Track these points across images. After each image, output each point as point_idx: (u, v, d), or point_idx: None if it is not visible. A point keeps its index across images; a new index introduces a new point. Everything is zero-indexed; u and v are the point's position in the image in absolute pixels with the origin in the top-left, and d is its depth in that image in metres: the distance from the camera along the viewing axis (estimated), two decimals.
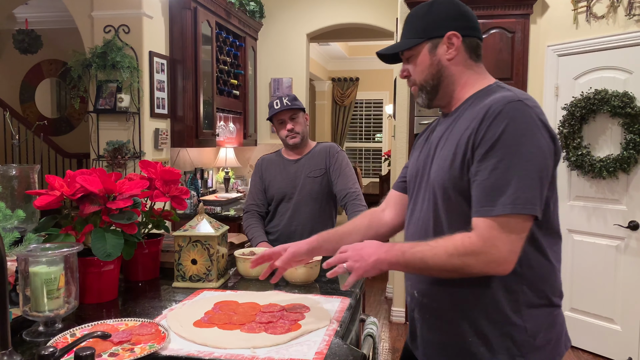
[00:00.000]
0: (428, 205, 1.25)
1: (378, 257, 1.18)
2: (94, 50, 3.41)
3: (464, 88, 1.27)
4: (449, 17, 1.25)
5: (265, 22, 5.26)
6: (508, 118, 1.09)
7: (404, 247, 1.18)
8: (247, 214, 2.51)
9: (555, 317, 1.21)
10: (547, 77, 3.65)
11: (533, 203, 1.07)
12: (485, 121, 1.12)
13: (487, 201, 1.09)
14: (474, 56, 1.27)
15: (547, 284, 1.18)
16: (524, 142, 1.08)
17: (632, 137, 3.10)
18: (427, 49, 1.26)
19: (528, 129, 1.09)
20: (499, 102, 1.12)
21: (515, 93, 1.15)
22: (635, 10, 3.15)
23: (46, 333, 1.27)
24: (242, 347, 1.19)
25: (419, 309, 1.31)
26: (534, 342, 1.16)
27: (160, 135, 3.72)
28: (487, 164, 1.10)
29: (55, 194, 1.50)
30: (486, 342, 1.17)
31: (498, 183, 1.08)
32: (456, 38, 1.24)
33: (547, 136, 1.12)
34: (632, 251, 3.20)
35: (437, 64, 1.26)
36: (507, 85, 1.24)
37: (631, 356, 3.21)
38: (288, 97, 2.43)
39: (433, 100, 1.31)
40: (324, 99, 9.53)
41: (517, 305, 1.16)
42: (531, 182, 1.07)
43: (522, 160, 1.07)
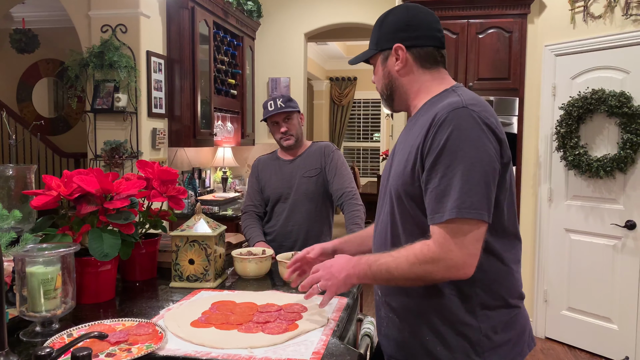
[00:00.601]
0: (386, 210, 1.29)
1: (347, 272, 1.23)
2: (91, 50, 3.40)
3: (417, 95, 1.29)
4: (396, 29, 1.27)
5: (263, 22, 5.26)
6: (452, 125, 1.11)
7: (369, 260, 1.21)
8: (245, 214, 2.52)
9: (514, 317, 1.22)
10: (545, 76, 3.66)
11: (477, 207, 1.09)
12: (432, 129, 1.14)
13: (437, 208, 1.11)
14: (427, 64, 1.28)
15: (503, 286, 1.20)
16: (468, 147, 1.10)
17: (629, 137, 3.11)
18: (380, 60, 1.31)
19: (472, 134, 1.11)
20: (444, 109, 1.14)
21: (463, 98, 1.17)
22: (632, 10, 3.15)
23: (43, 333, 1.27)
24: (239, 347, 1.19)
25: (383, 307, 1.34)
26: (489, 341, 1.18)
27: (158, 135, 3.71)
28: (435, 172, 1.12)
29: (52, 194, 1.50)
30: (443, 342, 1.19)
31: (445, 189, 1.10)
32: (401, 50, 1.26)
33: (492, 139, 1.13)
34: (629, 250, 3.21)
35: (387, 75, 1.30)
36: (463, 88, 1.25)
37: (628, 355, 3.22)
38: (282, 98, 2.42)
39: (392, 106, 1.35)
40: (322, 98, 9.53)
41: (470, 306, 1.18)
42: (476, 186, 1.09)
43: (467, 165, 1.09)
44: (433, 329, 1.21)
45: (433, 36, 1.28)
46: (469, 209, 1.08)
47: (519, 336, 1.23)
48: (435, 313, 1.20)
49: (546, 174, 3.66)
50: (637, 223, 3.16)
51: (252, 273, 1.81)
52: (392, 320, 1.30)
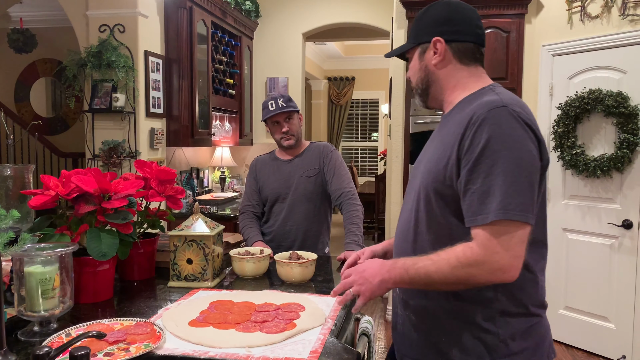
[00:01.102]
0: (412, 206, 1.27)
1: (382, 277, 1.20)
2: (89, 50, 3.40)
3: (453, 92, 1.27)
4: (435, 23, 1.26)
5: (261, 22, 5.26)
6: (493, 124, 1.09)
7: (406, 264, 1.17)
8: (242, 214, 2.52)
9: (534, 326, 1.19)
10: (542, 76, 3.66)
11: (523, 209, 1.06)
12: (470, 128, 1.11)
13: (481, 209, 1.08)
14: (465, 60, 1.26)
15: (525, 293, 1.17)
16: (511, 147, 1.08)
17: (626, 137, 3.12)
18: (417, 53, 1.30)
19: (514, 134, 1.09)
20: (483, 108, 1.12)
21: (502, 97, 1.14)
22: (629, 10, 3.16)
23: (41, 333, 1.27)
24: (237, 346, 1.19)
25: (400, 304, 1.33)
26: (506, 348, 1.15)
27: (156, 135, 3.71)
28: (476, 172, 1.09)
29: (50, 193, 1.50)
30: (458, 344, 1.18)
31: (489, 190, 1.07)
32: (440, 44, 1.25)
33: (534, 139, 1.11)
34: (626, 250, 3.22)
35: (424, 68, 1.29)
36: (501, 88, 1.23)
37: (625, 354, 3.23)
38: (282, 97, 2.42)
39: (426, 102, 1.33)
40: (320, 98, 9.53)
41: (491, 312, 1.16)
42: (521, 187, 1.07)
43: (510, 166, 1.07)
44: (449, 331, 1.19)
45: (473, 32, 1.27)
46: (515, 211, 1.06)
47: (538, 345, 1.20)
48: (454, 315, 1.18)
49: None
50: (634, 222, 3.17)
51: (250, 273, 1.82)
52: (408, 318, 1.29)
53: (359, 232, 2.32)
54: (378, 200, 6.41)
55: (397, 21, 4.03)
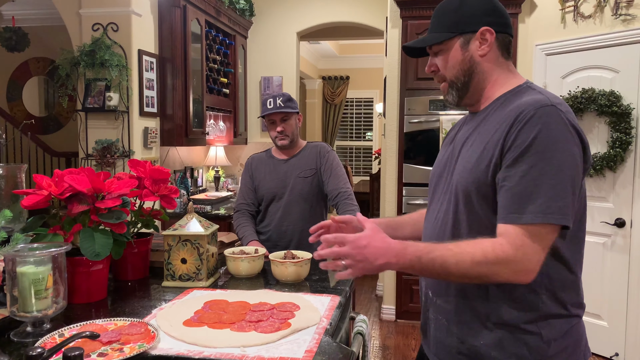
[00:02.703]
0: (448, 207, 1.22)
1: (387, 260, 1.10)
2: (82, 49, 3.38)
3: (494, 86, 1.23)
4: (482, 12, 1.21)
5: (255, 21, 5.25)
6: (541, 123, 1.06)
7: (419, 251, 1.10)
8: (237, 213, 2.51)
9: (573, 326, 1.17)
10: (535, 75, 3.68)
11: (564, 213, 1.04)
12: (516, 125, 1.08)
13: (516, 208, 1.06)
14: (506, 53, 1.23)
15: (567, 294, 1.15)
16: (556, 149, 1.05)
17: (619, 136, 3.14)
18: (459, 44, 1.22)
19: (561, 136, 1.06)
20: (531, 106, 1.09)
21: (548, 96, 1.12)
22: (622, 10, 3.18)
23: (34, 333, 1.26)
24: (232, 346, 1.19)
25: (433, 309, 1.28)
26: (548, 349, 1.13)
27: (150, 134, 3.70)
28: (517, 169, 1.06)
29: (43, 193, 1.49)
30: (499, 347, 1.15)
31: (528, 190, 1.05)
32: (490, 34, 1.20)
33: (578, 143, 1.09)
34: (619, 248, 3.24)
35: (469, 60, 1.22)
36: (538, 86, 1.21)
37: (617, 352, 3.26)
38: (282, 97, 2.40)
39: (463, 97, 1.26)
40: (315, 97, 9.53)
41: (533, 314, 1.13)
42: (563, 191, 1.05)
43: (554, 168, 1.04)
44: (490, 334, 1.15)
45: (510, 25, 1.24)
46: (554, 214, 1.04)
47: (576, 345, 1.18)
48: (494, 317, 1.15)
49: None
50: (626, 221, 3.19)
51: (245, 272, 1.81)
52: (440, 322, 1.25)
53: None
54: (372, 200, 6.42)
55: (391, 20, 4.04)
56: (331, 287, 1.68)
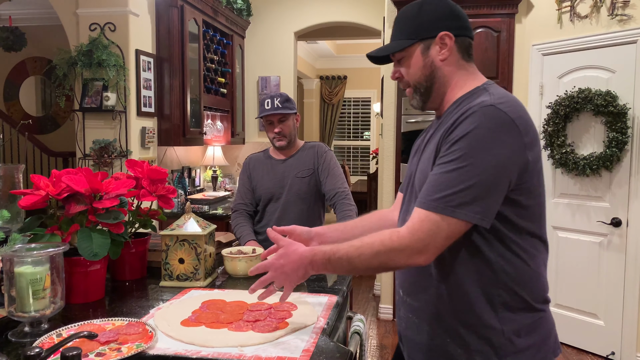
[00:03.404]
0: (409, 208, 1.24)
1: (305, 270, 1.22)
2: (79, 48, 3.38)
3: (454, 89, 1.25)
4: (440, 17, 1.23)
5: (253, 20, 5.25)
6: (476, 122, 1.08)
7: (327, 253, 1.19)
8: (235, 212, 2.51)
9: (538, 321, 1.19)
10: (532, 76, 3.69)
11: (469, 210, 1.06)
12: (455, 123, 1.12)
13: (428, 194, 1.11)
14: (466, 56, 1.25)
15: (526, 288, 1.17)
16: (482, 149, 1.07)
17: (615, 135, 3.15)
18: (419, 50, 1.24)
19: (490, 137, 1.07)
20: (473, 107, 1.12)
21: (493, 97, 1.13)
22: (618, 10, 3.19)
23: (32, 333, 1.26)
24: (229, 345, 1.20)
25: (404, 308, 1.31)
26: (512, 345, 1.14)
27: (147, 134, 3.70)
28: (442, 160, 1.11)
29: (41, 193, 1.49)
30: (464, 344, 1.17)
31: (440, 181, 1.09)
32: (449, 38, 1.22)
33: (515, 142, 1.09)
34: (615, 247, 3.25)
35: (430, 65, 1.24)
36: (495, 86, 1.21)
37: (614, 350, 3.27)
38: (280, 97, 2.40)
39: (427, 102, 1.28)
40: (312, 97, 9.53)
41: (493, 308, 1.15)
42: (476, 189, 1.06)
43: (474, 166, 1.07)
44: (454, 331, 1.18)
45: (470, 28, 1.26)
46: (455, 208, 1.07)
47: (543, 341, 1.19)
48: (458, 314, 1.17)
49: None
50: (622, 220, 3.20)
51: (242, 272, 1.82)
52: (411, 320, 1.27)
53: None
54: (370, 199, 6.43)
55: (389, 20, 4.05)
56: (328, 287, 1.68)
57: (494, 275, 1.14)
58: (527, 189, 1.14)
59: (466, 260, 1.15)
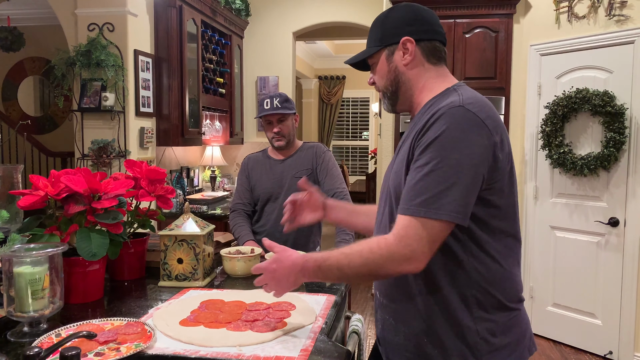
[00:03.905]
0: (384, 209, 1.27)
1: (296, 276, 1.22)
2: (78, 49, 3.37)
3: (422, 92, 1.26)
4: (403, 23, 1.25)
5: (251, 21, 5.25)
6: (446, 123, 1.10)
7: (317, 260, 1.19)
8: (233, 212, 2.51)
9: (513, 320, 1.20)
10: (530, 76, 3.70)
11: (447, 209, 1.07)
12: (426, 126, 1.13)
13: (408, 200, 1.11)
14: (433, 59, 1.26)
15: (499, 288, 1.18)
16: (455, 148, 1.08)
17: (612, 136, 3.16)
18: (384, 56, 1.28)
19: (463, 136, 1.09)
20: (442, 108, 1.13)
21: (462, 97, 1.15)
22: (615, 11, 3.20)
23: (31, 333, 1.27)
24: (228, 345, 1.20)
25: (380, 309, 1.32)
26: (487, 345, 1.16)
27: (146, 134, 3.70)
28: (417, 164, 1.11)
29: (40, 194, 1.50)
30: (440, 345, 1.18)
31: (419, 184, 1.10)
32: (410, 43, 1.24)
33: (486, 142, 1.10)
34: (612, 247, 3.26)
35: (394, 70, 1.27)
36: (465, 88, 1.23)
37: (612, 349, 3.28)
38: (279, 97, 2.40)
39: (395, 105, 1.32)
40: (311, 97, 9.54)
41: (468, 308, 1.16)
42: (454, 189, 1.08)
43: (449, 167, 1.08)
44: (430, 331, 1.19)
45: (438, 31, 1.27)
46: (436, 210, 1.07)
47: (519, 340, 1.21)
48: (434, 315, 1.18)
49: (532, 172, 3.71)
50: (620, 220, 3.21)
51: (241, 272, 1.82)
52: (388, 322, 1.28)
53: (350, 231, 2.34)
54: (369, 199, 6.43)
55: None
56: (327, 287, 1.69)
57: (468, 276, 1.15)
58: (500, 188, 1.14)
59: (440, 262, 1.15)
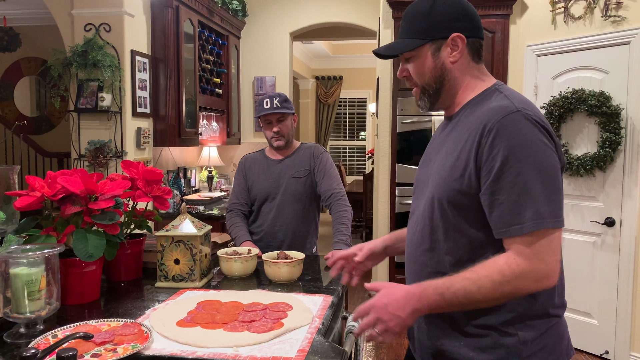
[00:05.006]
0: (424, 212, 1.22)
1: (413, 307, 1.09)
2: (74, 49, 3.37)
3: (465, 91, 1.23)
4: (453, 18, 1.19)
5: (248, 21, 5.25)
6: (511, 131, 1.06)
7: (439, 289, 1.09)
8: (230, 212, 2.51)
9: (552, 326, 1.17)
10: (527, 76, 3.71)
11: (556, 215, 1.06)
12: (486, 137, 1.08)
13: (513, 220, 1.06)
14: (477, 58, 1.23)
15: (545, 296, 1.14)
16: (534, 152, 1.06)
17: (608, 136, 3.17)
18: (430, 51, 1.21)
19: (534, 139, 1.06)
20: (496, 115, 1.09)
21: (513, 101, 1.11)
22: (611, 12, 3.22)
23: (27, 335, 1.26)
24: (224, 346, 1.20)
25: None
26: (525, 349, 1.13)
27: (143, 135, 3.69)
28: (504, 182, 1.06)
29: (36, 194, 1.49)
30: (477, 349, 1.15)
31: (519, 200, 1.05)
32: (461, 40, 1.19)
33: (550, 142, 1.09)
34: (608, 247, 3.27)
35: (440, 66, 1.21)
36: (506, 87, 1.21)
37: (608, 349, 3.29)
38: (279, 97, 2.40)
39: (435, 103, 1.26)
40: (308, 97, 9.54)
41: (510, 315, 1.13)
42: (550, 193, 1.06)
43: (538, 171, 1.05)
44: (468, 336, 1.16)
45: (482, 28, 1.23)
46: (549, 218, 1.04)
47: (556, 344, 1.17)
48: (472, 319, 1.15)
49: None
50: (616, 220, 3.22)
51: (238, 272, 1.82)
52: (421, 325, 1.26)
53: (347, 232, 2.34)
54: (366, 199, 6.44)
55: (384, 21, 4.06)
56: (324, 287, 1.69)
57: None
58: None
59: None
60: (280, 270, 1.74)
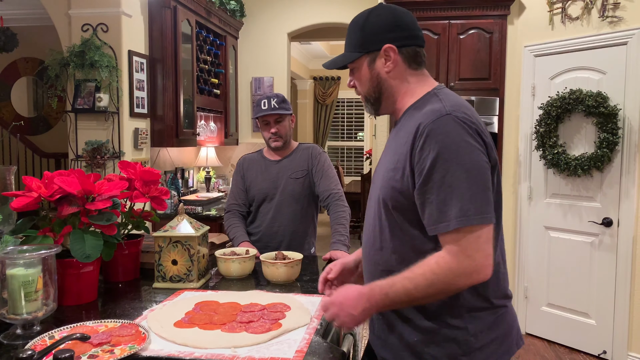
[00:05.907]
0: (374, 213, 1.28)
1: (363, 307, 1.18)
2: (71, 49, 3.36)
3: (404, 98, 1.27)
4: (384, 29, 1.24)
5: (246, 21, 5.25)
6: (439, 134, 1.11)
7: (383, 289, 1.16)
8: (228, 213, 2.51)
9: (501, 317, 1.22)
10: (524, 77, 3.72)
11: (482, 211, 1.09)
12: (418, 140, 1.13)
13: (441, 218, 1.10)
14: (414, 64, 1.27)
15: (487, 288, 1.19)
16: (461, 153, 1.10)
17: (606, 136, 3.18)
18: (366, 62, 1.27)
19: (461, 141, 1.11)
20: (428, 118, 1.14)
21: (445, 104, 1.16)
22: (609, 12, 3.22)
23: (24, 336, 1.26)
24: (222, 346, 1.20)
25: None
26: (476, 341, 1.18)
27: (140, 135, 3.69)
28: (432, 182, 1.11)
29: (33, 195, 1.49)
30: (431, 344, 1.19)
31: (446, 199, 1.10)
32: (392, 51, 1.24)
33: (480, 143, 1.13)
34: (606, 247, 3.28)
35: (376, 77, 1.27)
36: (445, 91, 1.24)
37: (605, 349, 3.30)
38: (277, 98, 2.40)
39: (378, 110, 1.33)
40: (306, 97, 9.54)
41: (457, 309, 1.17)
42: (475, 191, 1.09)
43: (463, 173, 1.09)
44: (422, 331, 1.20)
45: (418, 35, 1.27)
46: (474, 215, 1.08)
47: (506, 335, 1.23)
48: (424, 314, 1.20)
49: (526, 172, 3.73)
50: (613, 220, 3.23)
51: (236, 273, 1.82)
52: (379, 320, 1.30)
53: (345, 232, 2.34)
54: (364, 200, 6.44)
55: None
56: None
57: None
58: (496, 189, 1.17)
59: None
60: (279, 270, 1.74)
